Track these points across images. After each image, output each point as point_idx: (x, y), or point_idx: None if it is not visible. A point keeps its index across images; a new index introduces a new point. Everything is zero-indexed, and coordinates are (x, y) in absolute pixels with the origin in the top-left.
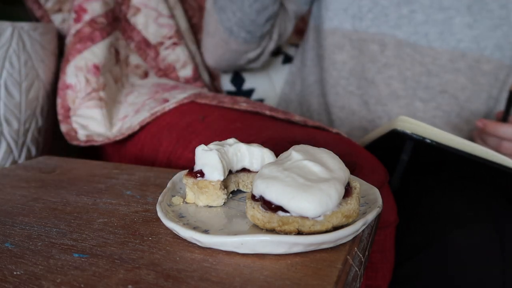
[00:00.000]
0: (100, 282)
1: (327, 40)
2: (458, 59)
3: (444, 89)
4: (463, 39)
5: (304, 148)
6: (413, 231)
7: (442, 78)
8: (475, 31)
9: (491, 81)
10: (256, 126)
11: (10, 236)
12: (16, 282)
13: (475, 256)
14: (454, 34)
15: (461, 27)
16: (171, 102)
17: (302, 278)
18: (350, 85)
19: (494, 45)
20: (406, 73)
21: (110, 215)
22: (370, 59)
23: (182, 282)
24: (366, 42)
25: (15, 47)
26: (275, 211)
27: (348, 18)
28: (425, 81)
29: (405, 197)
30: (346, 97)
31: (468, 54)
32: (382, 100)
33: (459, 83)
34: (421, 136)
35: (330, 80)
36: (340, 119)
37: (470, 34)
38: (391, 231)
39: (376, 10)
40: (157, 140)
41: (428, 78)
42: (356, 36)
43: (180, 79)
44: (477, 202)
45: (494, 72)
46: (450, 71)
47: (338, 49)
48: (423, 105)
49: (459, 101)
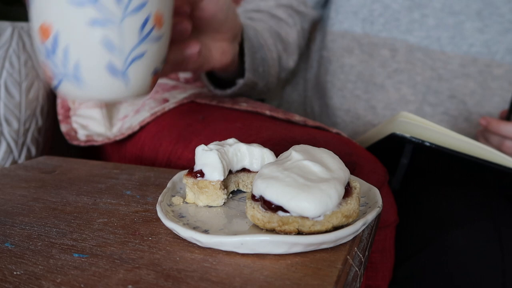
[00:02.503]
0: (100, 282)
1: (336, 43)
2: (469, 64)
3: (453, 94)
4: (475, 44)
5: (304, 148)
6: (413, 231)
7: (452, 82)
8: (486, 35)
9: (504, 85)
10: (256, 126)
11: (10, 236)
12: (16, 282)
13: (474, 256)
14: (465, 38)
15: (472, 31)
16: (171, 102)
17: (302, 278)
18: (357, 88)
19: (505, 49)
20: (416, 78)
21: (110, 215)
22: (380, 63)
23: (182, 282)
24: (377, 46)
25: (15, 47)
26: (275, 211)
27: (359, 22)
28: (435, 85)
29: (405, 197)
30: (352, 101)
31: (479, 59)
32: (391, 105)
33: (468, 88)
34: (420, 139)
35: (337, 83)
36: (344, 122)
37: (481, 38)
38: (391, 231)
39: (387, 14)
40: (157, 140)
41: (438, 83)
42: (367, 40)
43: (180, 79)
44: (476, 202)
45: (506, 76)
46: (460, 76)
47: (347, 52)
48: (431, 109)
49: (468, 106)
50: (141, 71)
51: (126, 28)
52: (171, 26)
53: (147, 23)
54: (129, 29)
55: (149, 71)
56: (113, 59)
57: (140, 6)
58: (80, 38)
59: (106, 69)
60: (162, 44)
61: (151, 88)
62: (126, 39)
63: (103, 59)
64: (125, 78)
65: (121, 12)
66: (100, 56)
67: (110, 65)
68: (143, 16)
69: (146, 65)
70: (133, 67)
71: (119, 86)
